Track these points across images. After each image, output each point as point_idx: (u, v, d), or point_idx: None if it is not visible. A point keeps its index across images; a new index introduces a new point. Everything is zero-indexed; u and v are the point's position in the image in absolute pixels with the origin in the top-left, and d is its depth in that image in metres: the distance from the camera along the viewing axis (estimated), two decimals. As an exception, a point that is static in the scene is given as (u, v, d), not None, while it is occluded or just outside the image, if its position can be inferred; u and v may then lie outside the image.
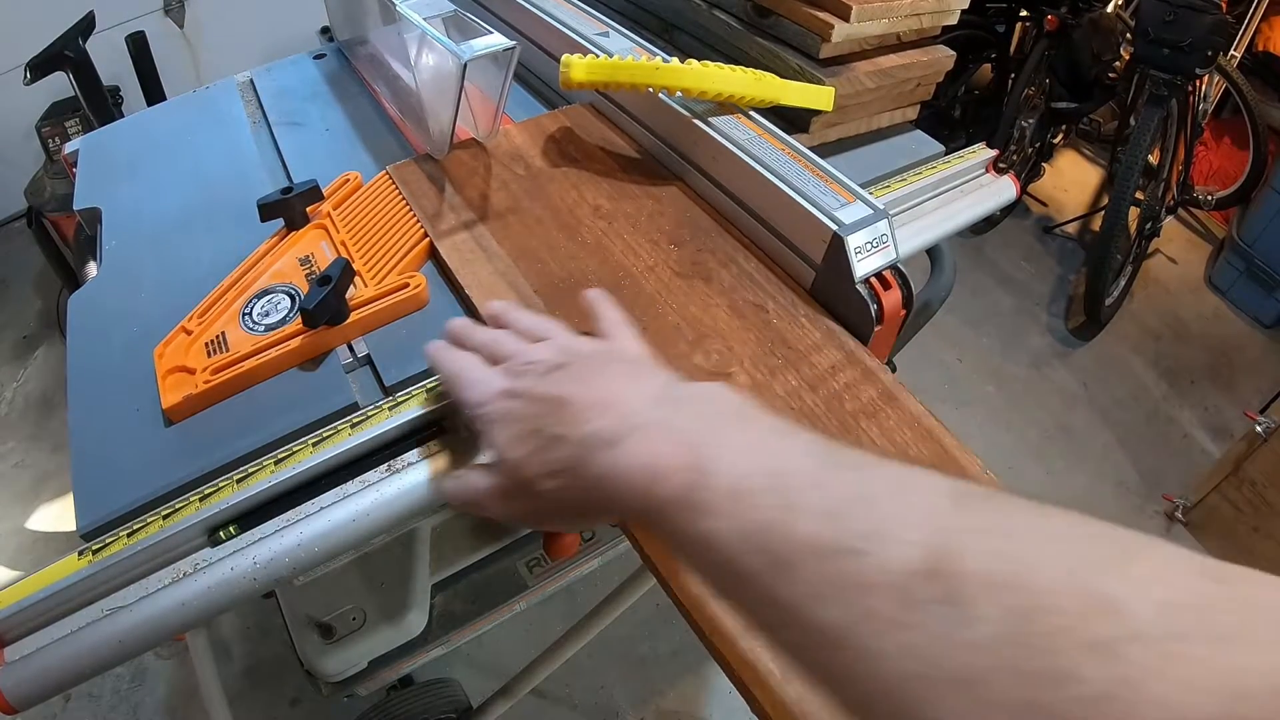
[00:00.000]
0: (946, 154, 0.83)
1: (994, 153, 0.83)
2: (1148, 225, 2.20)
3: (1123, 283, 2.24)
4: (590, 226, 0.65)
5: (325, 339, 0.57)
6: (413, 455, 0.53)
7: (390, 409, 0.54)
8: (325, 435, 0.53)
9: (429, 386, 0.56)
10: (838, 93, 0.73)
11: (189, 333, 0.59)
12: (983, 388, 2.03)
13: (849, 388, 0.53)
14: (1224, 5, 1.90)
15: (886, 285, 0.57)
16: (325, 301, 0.55)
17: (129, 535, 0.48)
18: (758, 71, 0.70)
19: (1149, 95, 1.94)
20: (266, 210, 0.65)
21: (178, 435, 0.54)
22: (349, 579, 0.82)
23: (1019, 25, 2.38)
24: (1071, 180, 2.77)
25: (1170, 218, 2.40)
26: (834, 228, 0.57)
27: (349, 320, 0.58)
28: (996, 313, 2.25)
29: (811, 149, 0.67)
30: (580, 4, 0.84)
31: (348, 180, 0.71)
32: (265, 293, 0.61)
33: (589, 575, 0.99)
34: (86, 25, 1.62)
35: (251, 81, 0.93)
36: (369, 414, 0.54)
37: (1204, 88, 2.24)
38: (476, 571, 0.93)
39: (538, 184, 0.69)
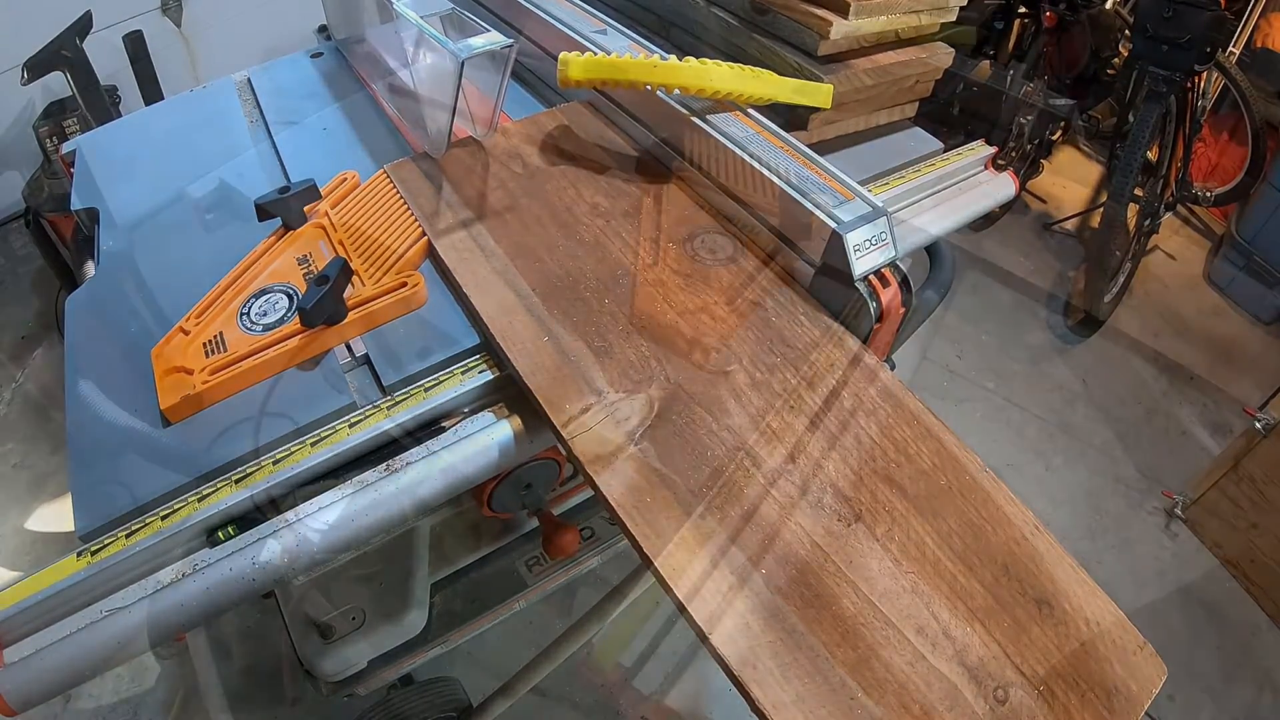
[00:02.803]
0: (945, 151, 0.83)
1: (993, 150, 0.83)
2: (1146, 222, 2.20)
3: (1122, 279, 2.24)
4: (588, 224, 0.65)
5: (323, 339, 0.57)
6: (412, 455, 0.53)
7: (388, 409, 0.54)
8: (323, 435, 0.53)
9: (426, 385, 0.56)
10: (836, 90, 0.73)
11: (187, 333, 0.58)
12: (982, 384, 2.03)
13: (848, 385, 0.53)
14: (1223, 2, 1.90)
15: (885, 283, 0.57)
16: (323, 301, 0.55)
17: (127, 536, 0.48)
18: (756, 69, 0.70)
19: (1148, 92, 1.94)
20: (264, 210, 0.65)
21: (176, 436, 0.54)
22: (349, 579, 0.82)
23: (1018, 22, 2.37)
24: (1070, 177, 2.77)
25: (1169, 214, 2.39)
26: (833, 225, 0.57)
27: (347, 320, 0.58)
28: (996, 309, 2.25)
29: (810, 146, 0.67)
30: (578, 1, 0.84)
31: (345, 179, 0.71)
32: (263, 292, 0.61)
33: (588, 574, 0.99)
34: (84, 25, 1.62)
35: (249, 80, 0.93)
36: (367, 414, 0.54)
37: (1202, 84, 2.23)
38: (476, 570, 0.93)
39: (535, 182, 0.69)
